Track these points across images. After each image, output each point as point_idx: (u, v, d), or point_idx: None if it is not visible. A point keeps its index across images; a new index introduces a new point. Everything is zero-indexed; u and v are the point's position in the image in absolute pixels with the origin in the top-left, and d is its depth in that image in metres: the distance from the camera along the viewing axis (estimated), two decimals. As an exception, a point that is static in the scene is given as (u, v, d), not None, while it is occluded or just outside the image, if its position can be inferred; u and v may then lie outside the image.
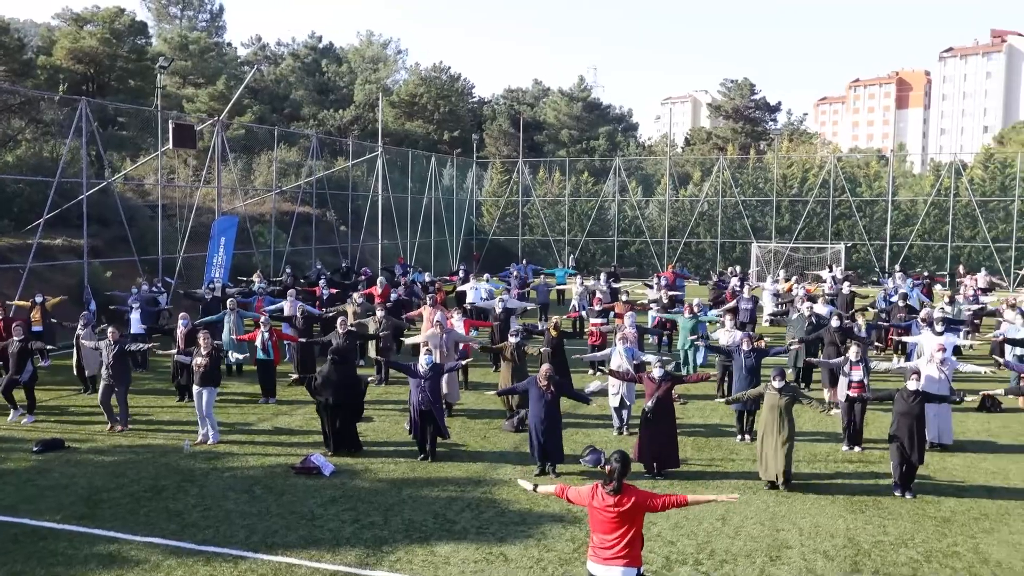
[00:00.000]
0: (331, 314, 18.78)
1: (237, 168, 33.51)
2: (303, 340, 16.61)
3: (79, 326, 16.19)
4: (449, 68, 63.10)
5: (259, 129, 38.42)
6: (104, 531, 9.54)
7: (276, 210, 32.86)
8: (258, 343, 15.75)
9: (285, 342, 17.12)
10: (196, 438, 13.13)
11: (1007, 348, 17.13)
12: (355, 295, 20.04)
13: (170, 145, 24.12)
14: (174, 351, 15.11)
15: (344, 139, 42.60)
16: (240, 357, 16.18)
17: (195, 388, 13.18)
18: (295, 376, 13.78)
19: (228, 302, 18.01)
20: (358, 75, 62.19)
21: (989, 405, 15.49)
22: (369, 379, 13.03)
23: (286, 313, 18.42)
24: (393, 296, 21.50)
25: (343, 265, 31.28)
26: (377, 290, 21.59)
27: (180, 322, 15.72)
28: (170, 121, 24.29)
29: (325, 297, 22.06)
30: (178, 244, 26.17)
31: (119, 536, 9.40)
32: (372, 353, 17.13)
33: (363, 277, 26.29)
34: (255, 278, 23.81)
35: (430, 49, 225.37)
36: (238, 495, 10.77)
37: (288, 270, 26.32)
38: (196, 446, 12.91)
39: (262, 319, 16.32)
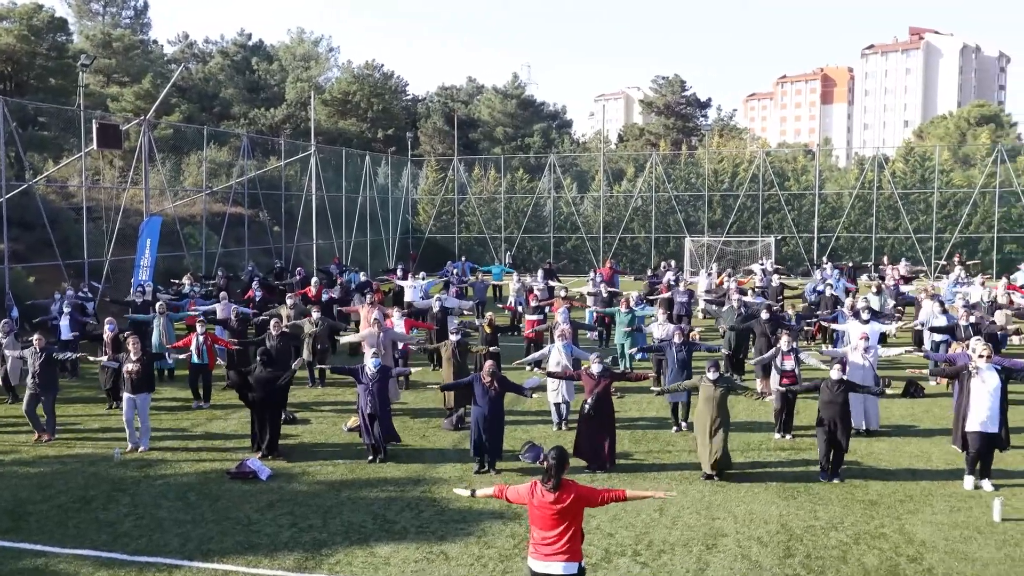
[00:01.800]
0: (266, 316, 18.51)
1: (166, 169, 32.75)
2: (237, 344, 16.34)
3: (1, 335, 15.63)
4: (382, 66, 62.68)
5: (188, 128, 37.57)
6: (31, 544, 9.24)
7: (207, 211, 32.18)
8: (192, 347, 15.42)
9: (219, 346, 16.79)
10: (127, 446, 12.80)
11: (926, 336, 17.75)
12: (288, 296, 19.76)
13: (94, 146, 23.40)
14: (103, 358, 14.69)
15: (276, 138, 41.95)
16: (178, 358, 15.67)
17: (127, 395, 12.81)
18: (229, 381, 13.55)
19: (158, 305, 17.60)
20: (289, 73, 61.23)
21: (913, 391, 16.03)
22: (294, 365, 12.95)
23: (219, 316, 18.09)
24: (325, 296, 21.29)
25: (277, 265, 30.84)
26: (311, 290, 21.34)
27: (106, 327, 15.30)
28: (94, 121, 23.57)
29: (258, 299, 21.71)
30: (105, 247, 25.45)
31: (47, 549, 9.12)
32: (306, 354, 16.94)
33: (297, 277, 25.94)
34: (185, 280, 23.32)
35: (362, 47, 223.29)
36: (171, 503, 10.55)
37: (220, 272, 25.81)
38: (127, 454, 12.59)
39: (198, 322, 15.99)
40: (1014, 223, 39.63)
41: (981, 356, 10.96)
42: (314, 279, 22.54)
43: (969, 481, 10.91)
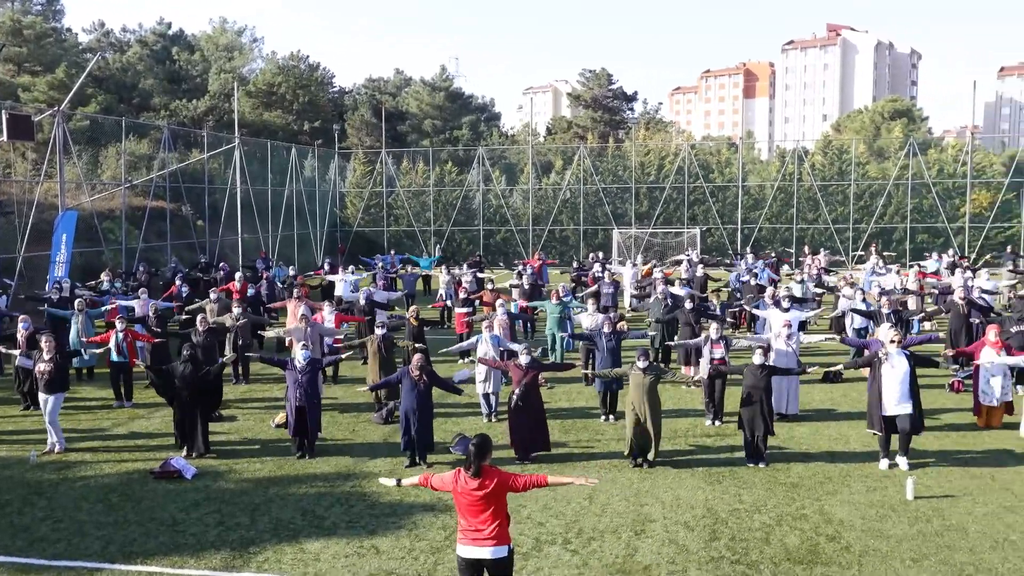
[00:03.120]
0: (189, 312, 18.12)
1: (82, 162, 31.67)
2: (158, 340, 15.93)
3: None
4: (307, 57, 61.67)
5: (105, 120, 36.40)
6: (-59, 552, 8.89)
7: (127, 205, 31.25)
8: (112, 344, 14.98)
9: (140, 343, 16.35)
10: (43, 448, 12.38)
11: (847, 322, 18.34)
12: (212, 291, 19.35)
13: (4, 137, 22.54)
14: (16, 355, 14.14)
15: (199, 130, 40.95)
16: (95, 352, 15.17)
17: (40, 395, 12.38)
18: (151, 380, 13.23)
19: (76, 303, 17.04)
20: (212, 63, 59.75)
21: (832, 377, 16.57)
22: (224, 360, 12.73)
23: (137, 313, 17.62)
24: (251, 292, 20.91)
25: (202, 260, 30.15)
26: (235, 286, 20.94)
27: (20, 325, 14.75)
28: (3, 111, 22.68)
29: (184, 295, 21.19)
30: (17, 243, 24.50)
31: (-42, 557, 8.79)
32: (228, 351, 16.63)
33: (221, 273, 25.40)
34: (104, 277, 22.62)
35: (287, 37, 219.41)
36: (92, 505, 10.25)
37: (141, 267, 25.10)
38: (43, 456, 12.17)
39: (117, 319, 15.53)
40: (925, 214, 41.18)
41: (892, 342, 11.38)
42: (238, 274, 22.12)
43: (884, 463, 11.33)
